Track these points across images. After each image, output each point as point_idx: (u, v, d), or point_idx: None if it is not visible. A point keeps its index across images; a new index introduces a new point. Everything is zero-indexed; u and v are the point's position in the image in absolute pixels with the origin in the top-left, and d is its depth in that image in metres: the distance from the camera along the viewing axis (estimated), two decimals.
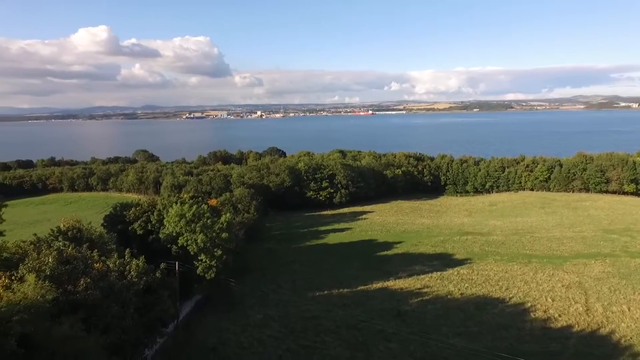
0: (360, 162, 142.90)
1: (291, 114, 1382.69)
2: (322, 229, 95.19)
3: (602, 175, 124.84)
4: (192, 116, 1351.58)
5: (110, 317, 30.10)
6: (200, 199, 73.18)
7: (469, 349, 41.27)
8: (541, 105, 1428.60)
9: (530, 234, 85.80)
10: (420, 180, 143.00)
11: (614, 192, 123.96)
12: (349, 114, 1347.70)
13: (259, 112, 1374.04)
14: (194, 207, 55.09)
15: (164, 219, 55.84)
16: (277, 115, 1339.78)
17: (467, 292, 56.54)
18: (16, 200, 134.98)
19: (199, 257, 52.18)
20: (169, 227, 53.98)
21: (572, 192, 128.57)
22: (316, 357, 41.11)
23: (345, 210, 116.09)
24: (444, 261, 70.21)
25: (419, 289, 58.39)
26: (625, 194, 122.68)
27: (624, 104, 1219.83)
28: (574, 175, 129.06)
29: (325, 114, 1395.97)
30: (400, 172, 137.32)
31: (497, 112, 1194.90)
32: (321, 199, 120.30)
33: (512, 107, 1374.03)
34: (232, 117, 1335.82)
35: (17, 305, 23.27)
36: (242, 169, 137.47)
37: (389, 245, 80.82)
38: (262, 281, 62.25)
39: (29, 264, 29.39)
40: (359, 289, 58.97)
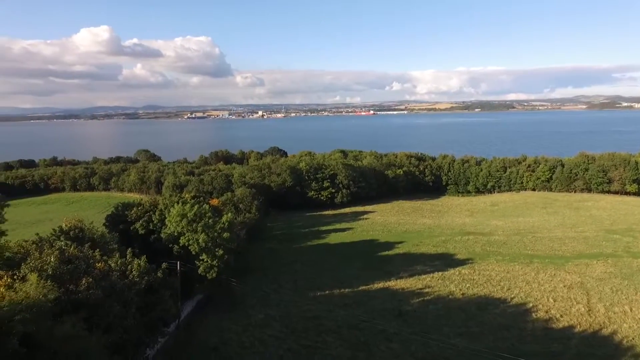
0: (361, 162, 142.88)
1: (292, 114, 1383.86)
2: (324, 229, 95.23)
3: (604, 175, 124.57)
4: (193, 116, 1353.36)
5: (112, 316, 30.19)
6: (201, 198, 73.16)
7: (471, 349, 41.23)
8: (543, 105, 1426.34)
9: (532, 234, 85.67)
10: (421, 180, 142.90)
11: (616, 193, 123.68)
12: (351, 114, 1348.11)
13: (260, 112, 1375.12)
14: (196, 207, 55.17)
15: (166, 218, 55.97)
16: (279, 115, 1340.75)
17: (469, 292, 56.51)
18: (18, 200, 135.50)
19: (201, 257, 52.29)
20: (170, 227, 54.09)
21: (574, 192, 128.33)
22: (317, 357, 41.14)
23: (346, 210, 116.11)
24: (446, 261, 70.16)
25: (421, 289, 58.37)
26: (627, 194, 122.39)
27: (626, 104, 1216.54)
28: (576, 175, 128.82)
29: (326, 114, 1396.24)
30: (401, 172, 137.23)
31: (499, 112, 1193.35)
32: (322, 199, 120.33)
33: (513, 107, 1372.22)
34: (234, 117, 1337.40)
35: (19, 304, 23.33)
36: (244, 168, 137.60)
37: (390, 245, 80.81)
38: (263, 281, 62.31)
39: (31, 264, 29.50)
40: (360, 289, 58.98)
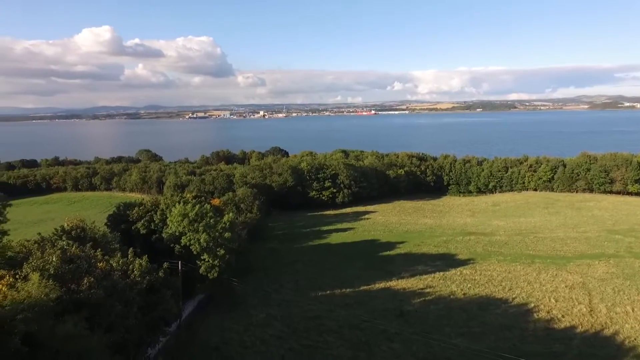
0: (362, 162, 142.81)
1: (294, 114, 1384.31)
2: (325, 228, 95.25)
3: (606, 175, 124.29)
4: (195, 116, 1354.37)
5: (113, 316, 30.25)
6: (203, 198, 73.26)
7: (472, 349, 41.19)
8: (545, 105, 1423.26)
9: (533, 234, 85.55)
10: (423, 180, 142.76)
11: (618, 193, 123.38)
12: (352, 113, 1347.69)
13: (261, 112, 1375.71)
14: (197, 207, 55.27)
15: (167, 218, 56.07)
16: (280, 115, 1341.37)
17: (470, 293, 56.47)
18: (20, 199, 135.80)
19: (202, 257, 52.34)
20: (172, 227, 54.17)
21: (576, 192, 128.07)
22: (318, 356, 41.16)
23: (347, 210, 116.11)
24: (447, 261, 70.12)
25: (422, 289, 58.35)
26: (629, 194, 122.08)
27: (628, 104, 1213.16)
28: (578, 175, 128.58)
29: (327, 113, 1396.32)
30: (403, 172, 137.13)
31: (500, 112, 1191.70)
32: (324, 198, 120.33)
33: (515, 107, 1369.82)
34: (235, 117, 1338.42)
35: (21, 304, 23.41)
36: (245, 168, 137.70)
37: (391, 245, 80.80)
38: (264, 281, 62.35)
39: (33, 263, 29.59)
40: (362, 289, 58.98)
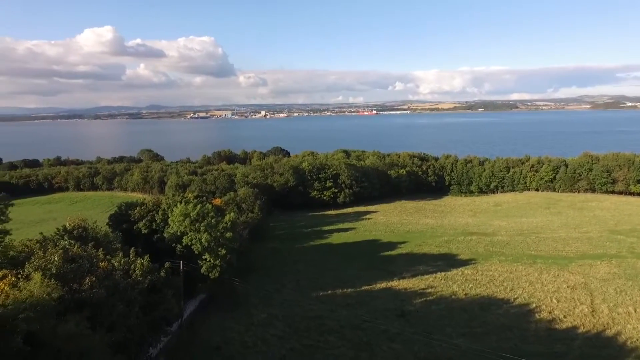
0: (364, 162, 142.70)
1: (295, 114, 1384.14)
2: (326, 228, 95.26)
3: (608, 175, 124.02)
4: (196, 116, 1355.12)
5: (115, 315, 30.30)
6: (204, 198, 73.37)
7: (473, 349, 41.14)
8: (546, 105, 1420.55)
9: (535, 235, 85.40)
10: (424, 180, 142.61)
11: (620, 193, 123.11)
12: (353, 113, 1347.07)
13: (263, 112, 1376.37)
14: (199, 207, 55.32)
15: (169, 218, 56.12)
16: (281, 115, 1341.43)
17: (472, 293, 56.41)
18: (22, 199, 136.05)
19: (203, 257, 52.40)
20: (173, 227, 54.23)
21: (578, 192, 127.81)
22: (320, 356, 41.16)
23: (349, 210, 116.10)
24: (448, 261, 70.06)
25: (423, 289, 58.31)
26: (631, 194, 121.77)
27: (630, 104, 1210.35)
28: (580, 175, 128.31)
29: (329, 113, 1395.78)
30: (404, 172, 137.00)
31: (502, 112, 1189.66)
32: (325, 198, 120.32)
33: (517, 107, 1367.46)
34: (236, 116, 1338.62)
35: (23, 303, 23.48)
36: (246, 168, 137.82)
37: (392, 245, 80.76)
38: (266, 281, 62.38)
39: (35, 263, 29.67)
40: (363, 289, 58.97)
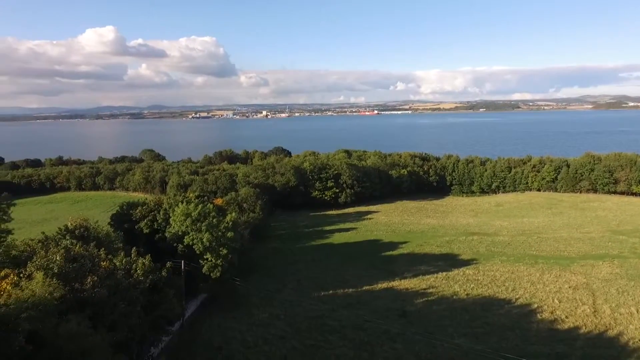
0: (365, 162, 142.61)
1: (296, 114, 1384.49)
2: (327, 228, 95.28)
3: (610, 175, 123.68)
4: (198, 116, 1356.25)
5: (116, 315, 30.36)
6: (206, 198, 73.52)
7: (475, 349, 41.10)
8: (548, 105, 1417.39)
9: (537, 235, 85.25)
10: (425, 180, 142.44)
11: (622, 193, 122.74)
12: (355, 113, 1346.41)
13: (264, 112, 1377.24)
14: (200, 207, 55.37)
15: (170, 218, 56.20)
16: (283, 115, 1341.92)
17: (473, 293, 56.34)
18: (24, 199, 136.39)
19: (205, 256, 52.46)
20: (175, 226, 54.31)
21: (580, 192, 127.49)
22: (321, 356, 41.17)
23: (350, 210, 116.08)
24: (450, 261, 70.00)
25: (425, 289, 58.26)
26: (633, 194, 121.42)
27: (632, 104, 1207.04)
28: (582, 175, 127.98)
29: (330, 113, 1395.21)
30: (405, 172, 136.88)
31: (504, 112, 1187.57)
32: (326, 198, 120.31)
33: (518, 107, 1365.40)
34: (238, 116, 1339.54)
35: (25, 302, 23.56)
36: (248, 168, 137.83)
37: (394, 245, 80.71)
38: (267, 280, 62.42)
39: (37, 262, 29.75)
40: (364, 288, 58.96)
